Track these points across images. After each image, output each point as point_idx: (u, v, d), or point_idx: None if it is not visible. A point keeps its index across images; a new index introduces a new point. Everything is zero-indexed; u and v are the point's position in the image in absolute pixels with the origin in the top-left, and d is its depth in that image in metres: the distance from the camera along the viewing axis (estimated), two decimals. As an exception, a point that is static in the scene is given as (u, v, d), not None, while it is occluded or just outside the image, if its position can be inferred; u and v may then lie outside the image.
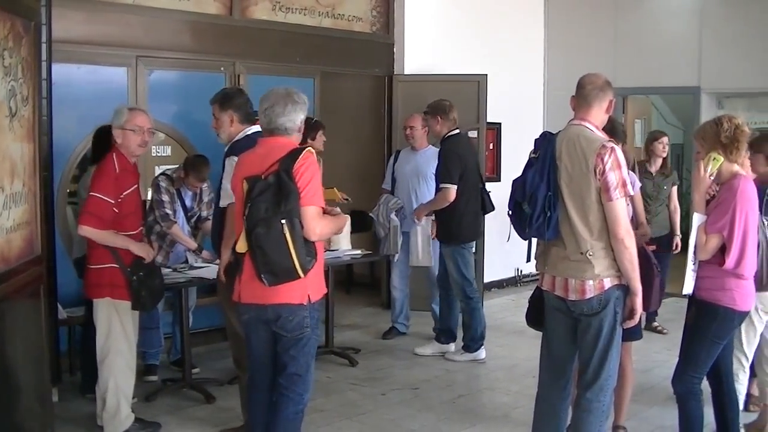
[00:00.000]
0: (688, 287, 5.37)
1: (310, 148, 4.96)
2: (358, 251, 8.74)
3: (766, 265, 5.48)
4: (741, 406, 6.20)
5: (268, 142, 5.06)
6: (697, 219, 5.24)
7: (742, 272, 5.19)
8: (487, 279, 11.25)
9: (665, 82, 12.17)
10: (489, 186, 10.47)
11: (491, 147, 11.86)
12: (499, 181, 11.34)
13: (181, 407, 7.10)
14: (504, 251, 7.39)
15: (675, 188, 9.72)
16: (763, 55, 11.11)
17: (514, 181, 5.09)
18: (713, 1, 11.62)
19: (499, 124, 11.82)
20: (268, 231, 4.73)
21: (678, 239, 9.54)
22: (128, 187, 6.05)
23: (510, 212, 5.10)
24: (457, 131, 8.50)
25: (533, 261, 5.29)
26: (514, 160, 5.15)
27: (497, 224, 5.20)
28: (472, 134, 10.89)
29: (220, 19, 9.10)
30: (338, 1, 10.30)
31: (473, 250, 8.65)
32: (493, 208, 8.89)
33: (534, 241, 5.19)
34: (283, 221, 4.69)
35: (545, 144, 5.01)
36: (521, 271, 12.42)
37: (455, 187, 8.24)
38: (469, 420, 6.92)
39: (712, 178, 5.23)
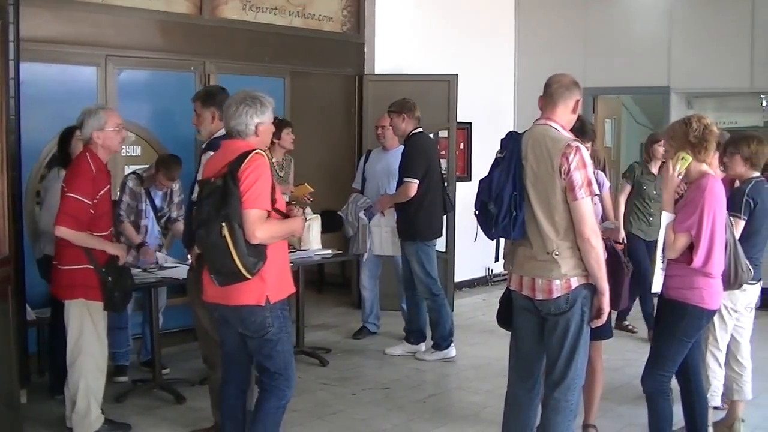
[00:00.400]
0: (657, 286, 5.41)
1: (259, 150, 4.96)
2: (329, 251, 8.74)
3: (734, 264, 5.51)
4: (718, 402, 6.27)
5: (227, 144, 5.11)
6: (665, 218, 5.28)
7: (710, 271, 5.23)
8: (457, 278, 11.27)
9: (635, 82, 12.24)
10: (459, 186, 10.57)
11: (462, 147, 11.88)
12: (470, 180, 11.36)
13: (152, 408, 7.07)
14: (474, 251, 7.41)
15: None
16: (732, 55, 11.21)
17: (480, 181, 5.09)
18: (683, 2, 11.71)
19: (470, 123, 11.85)
20: (207, 233, 4.80)
21: None
22: (103, 188, 6.04)
23: (477, 212, 5.10)
24: (421, 130, 8.55)
25: (502, 260, 5.31)
26: (485, 160, 5.16)
27: (468, 224, 5.23)
28: (443, 134, 10.95)
29: (190, 19, 9.06)
30: (308, 0, 10.28)
31: (436, 248, 8.66)
32: (452, 209, 8.95)
33: (502, 240, 5.20)
34: (223, 224, 4.73)
35: (511, 144, 5.02)
36: (492, 271, 12.45)
37: (417, 182, 8.29)
38: (440, 419, 6.93)
39: (680, 177, 5.27)
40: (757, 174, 6.25)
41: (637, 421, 6.37)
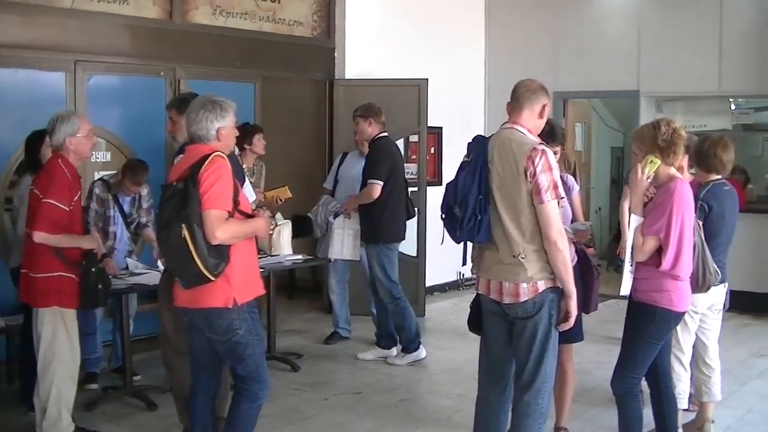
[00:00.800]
0: (626, 288, 5.44)
1: (218, 152, 4.97)
2: (300, 256, 8.72)
3: (702, 267, 5.55)
4: (685, 405, 6.30)
5: (190, 149, 5.13)
6: (634, 221, 5.30)
7: (679, 273, 5.27)
8: (429, 283, 11.28)
9: (605, 86, 12.31)
10: (430, 190, 10.56)
11: (432, 151, 11.90)
12: (441, 185, 11.34)
13: (123, 415, 7.05)
14: (445, 255, 7.43)
15: None
16: (701, 59, 11.30)
17: (447, 184, 5.11)
18: (651, 6, 11.79)
19: (441, 128, 11.87)
20: (168, 235, 4.83)
21: None
22: (76, 194, 6.03)
23: (443, 215, 5.11)
24: (386, 134, 8.59)
25: (470, 264, 5.32)
26: (456, 164, 5.16)
27: (439, 228, 5.25)
28: (414, 138, 10.97)
29: (160, 24, 9.04)
30: (279, 5, 10.28)
31: (407, 252, 8.68)
32: (414, 214, 8.97)
33: (470, 244, 5.21)
34: (183, 225, 4.74)
35: (477, 147, 5.03)
36: (463, 275, 12.45)
37: (381, 183, 8.33)
38: (412, 423, 6.95)
39: (649, 180, 5.30)
40: (717, 177, 6.29)
41: (608, 424, 6.40)
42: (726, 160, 6.29)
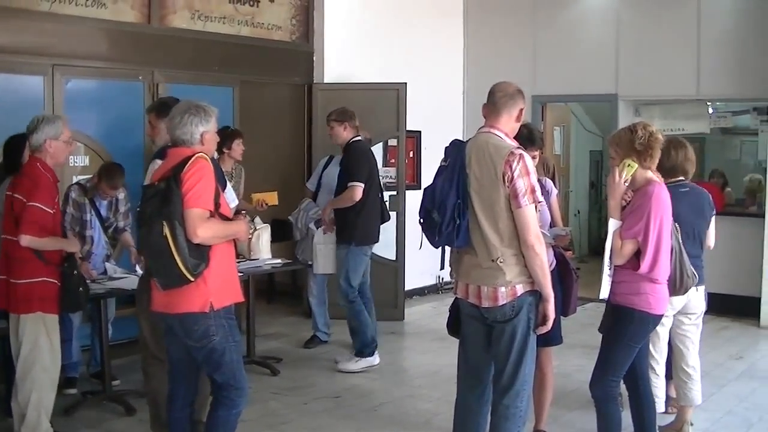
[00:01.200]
0: (605, 292, 5.46)
1: (201, 154, 4.98)
2: (279, 260, 8.72)
3: (679, 270, 5.59)
4: (661, 408, 6.33)
5: (173, 153, 5.11)
6: (612, 224, 5.33)
7: (657, 276, 5.30)
8: (408, 287, 11.29)
9: (583, 89, 12.35)
10: (409, 194, 10.58)
11: (411, 155, 11.90)
12: (419, 188, 11.32)
13: (102, 420, 7.03)
14: (425, 259, 7.45)
15: None
16: (679, 63, 11.36)
17: (424, 189, 5.12)
18: (629, 11, 11.84)
19: (419, 132, 11.88)
20: (149, 232, 4.82)
21: None
22: (57, 196, 6.05)
23: (421, 220, 5.12)
24: (360, 138, 8.61)
25: (448, 268, 5.33)
26: (434, 168, 5.17)
27: (418, 232, 5.26)
28: (392, 142, 10.98)
29: (138, 27, 9.01)
30: (257, 9, 10.27)
31: (368, 256, 8.66)
32: (389, 218, 8.99)
33: (448, 248, 5.22)
34: (164, 223, 4.74)
35: (455, 152, 5.05)
36: (442, 279, 12.48)
37: (362, 185, 8.35)
38: (392, 427, 6.95)
39: (626, 184, 5.32)
40: (680, 178, 6.33)
41: (587, 427, 6.41)
42: (679, 162, 6.33)
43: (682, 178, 6.37)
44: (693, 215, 6.30)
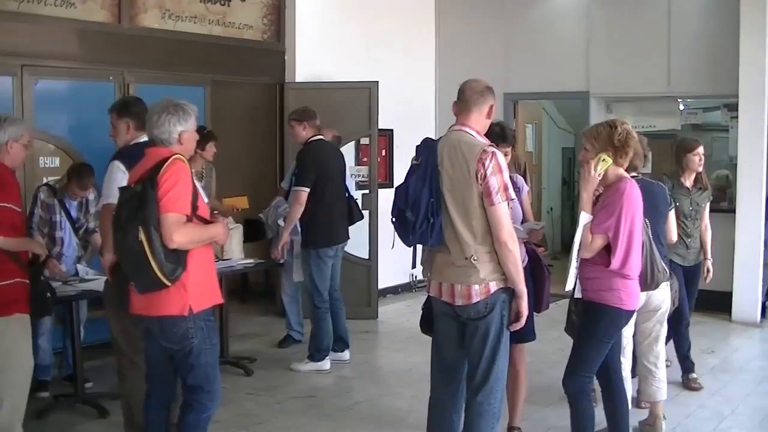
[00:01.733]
0: (570, 284, 5.48)
1: (178, 155, 4.94)
2: (251, 260, 8.71)
3: (650, 265, 5.62)
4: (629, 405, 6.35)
5: (150, 152, 5.07)
6: (584, 218, 5.33)
7: (628, 272, 5.32)
8: (381, 285, 11.31)
9: (555, 87, 12.43)
10: (381, 192, 10.57)
11: (383, 154, 11.91)
12: (392, 187, 11.32)
13: (75, 423, 6.99)
14: (398, 257, 7.43)
15: (708, 204, 8.06)
16: (650, 60, 11.44)
17: (396, 188, 5.11)
18: (600, 8, 11.90)
19: (391, 130, 11.89)
20: (124, 237, 4.78)
21: (710, 263, 8.04)
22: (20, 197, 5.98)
23: (393, 219, 5.12)
24: (320, 137, 8.54)
25: (420, 267, 5.34)
26: (407, 166, 5.18)
27: (390, 230, 5.25)
28: (365, 141, 10.97)
29: (109, 27, 8.96)
30: (229, 9, 10.24)
31: (331, 258, 8.60)
32: (361, 217, 8.98)
33: (419, 247, 5.23)
34: (140, 228, 4.69)
35: (426, 150, 5.05)
36: (416, 277, 12.47)
37: (307, 190, 8.24)
38: (366, 426, 6.96)
39: (599, 178, 5.34)
40: (632, 174, 6.35)
41: (561, 423, 6.43)
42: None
43: (633, 174, 6.38)
44: (647, 211, 6.30)
